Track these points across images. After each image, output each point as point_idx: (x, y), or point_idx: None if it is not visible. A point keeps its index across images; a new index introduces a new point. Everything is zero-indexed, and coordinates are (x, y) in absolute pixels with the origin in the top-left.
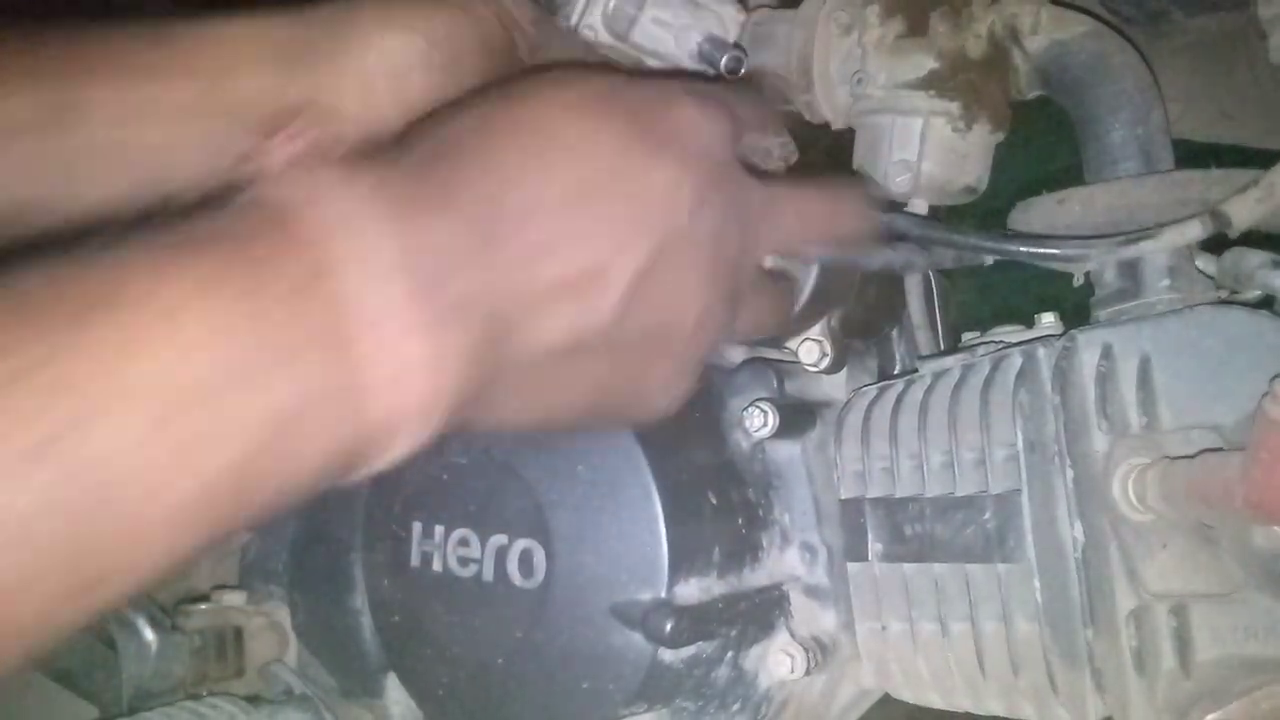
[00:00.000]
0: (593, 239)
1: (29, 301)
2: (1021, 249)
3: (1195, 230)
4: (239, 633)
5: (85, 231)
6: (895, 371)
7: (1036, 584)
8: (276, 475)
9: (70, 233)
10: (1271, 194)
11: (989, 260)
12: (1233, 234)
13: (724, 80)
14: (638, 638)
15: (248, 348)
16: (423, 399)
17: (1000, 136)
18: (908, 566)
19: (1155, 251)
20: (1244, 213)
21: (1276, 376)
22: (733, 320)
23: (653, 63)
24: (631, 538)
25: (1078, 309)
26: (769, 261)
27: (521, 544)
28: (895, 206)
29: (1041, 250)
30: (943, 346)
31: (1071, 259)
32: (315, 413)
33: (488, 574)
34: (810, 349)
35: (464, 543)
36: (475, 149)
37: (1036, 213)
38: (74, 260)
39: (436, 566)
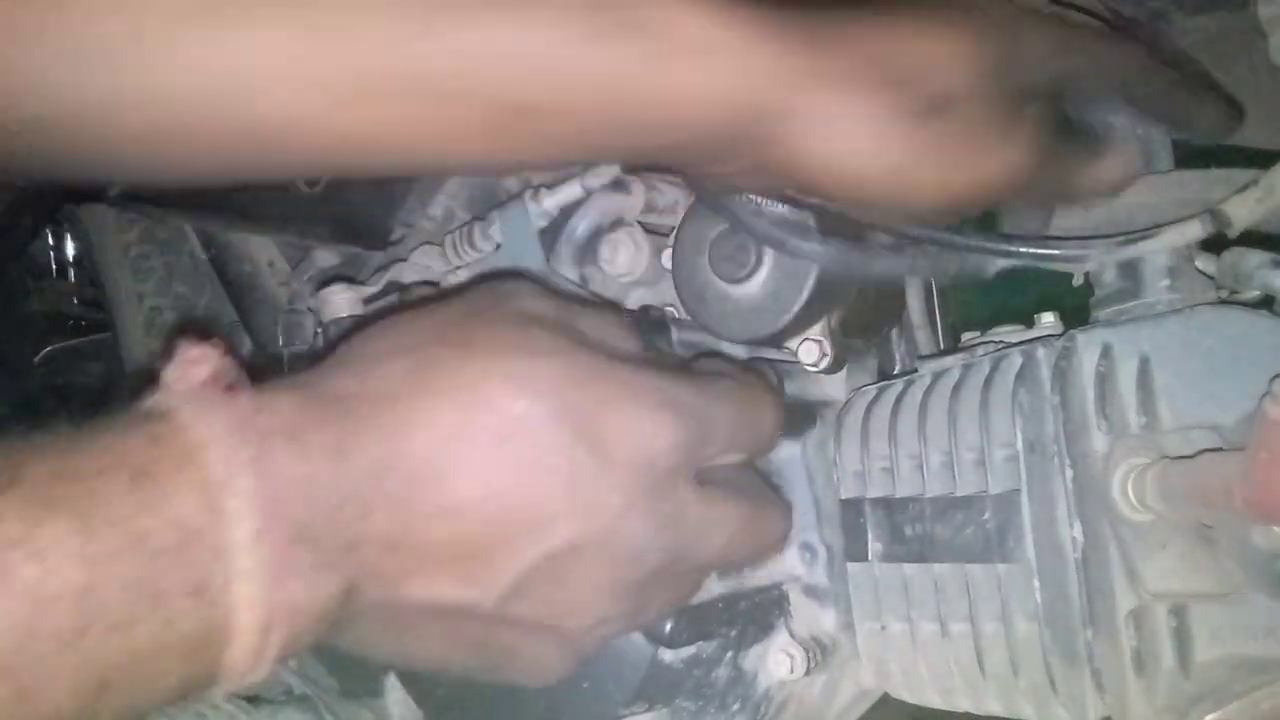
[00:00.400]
0: (496, 519)
1: None
2: (1021, 250)
3: (1195, 230)
4: None
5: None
6: (895, 371)
7: (1036, 584)
8: (115, 715)
9: None
10: (1271, 194)
11: (992, 272)
12: (1232, 234)
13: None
14: (637, 637)
15: (116, 602)
16: (289, 639)
17: None
18: (907, 566)
19: (1155, 251)
20: (1244, 213)
21: (1276, 377)
22: (637, 622)
23: None
24: None
25: (1077, 309)
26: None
27: None
28: None
29: (1041, 251)
30: (942, 346)
31: (1071, 260)
32: (170, 660)
33: None
34: (810, 349)
35: None
36: (402, 396)
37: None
38: None
39: None
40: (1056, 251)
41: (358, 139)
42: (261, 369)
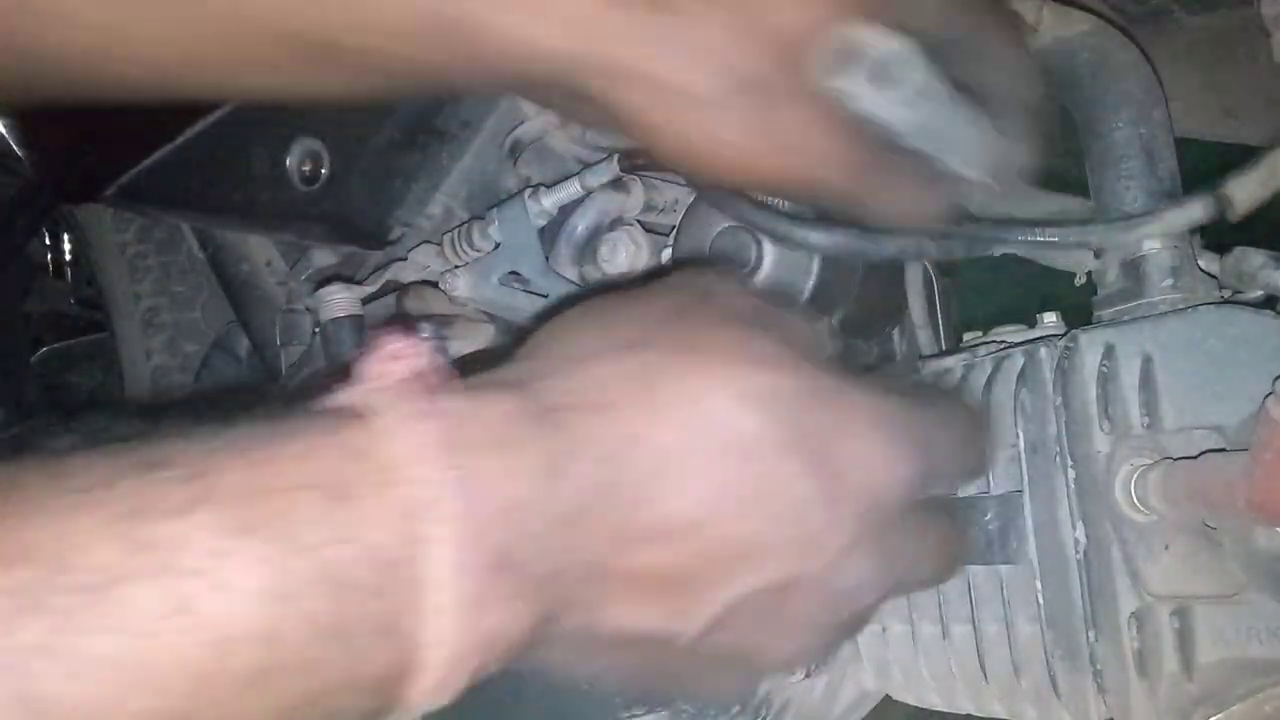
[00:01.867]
0: (711, 548)
1: (38, 543)
2: (1021, 237)
3: (1197, 212)
4: None
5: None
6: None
7: (1038, 585)
8: None
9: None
10: (1274, 175)
11: (996, 251)
12: (1233, 216)
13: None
14: None
15: (302, 643)
16: (478, 668)
17: None
18: None
19: (1157, 234)
20: (1246, 195)
21: (1279, 377)
22: (827, 655)
23: None
24: None
25: (1079, 309)
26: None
27: None
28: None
29: (1041, 238)
30: (944, 346)
31: (1072, 244)
32: (351, 697)
33: None
34: None
35: None
36: (620, 406)
37: None
38: (120, 486)
39: None
40: (1057, 239)
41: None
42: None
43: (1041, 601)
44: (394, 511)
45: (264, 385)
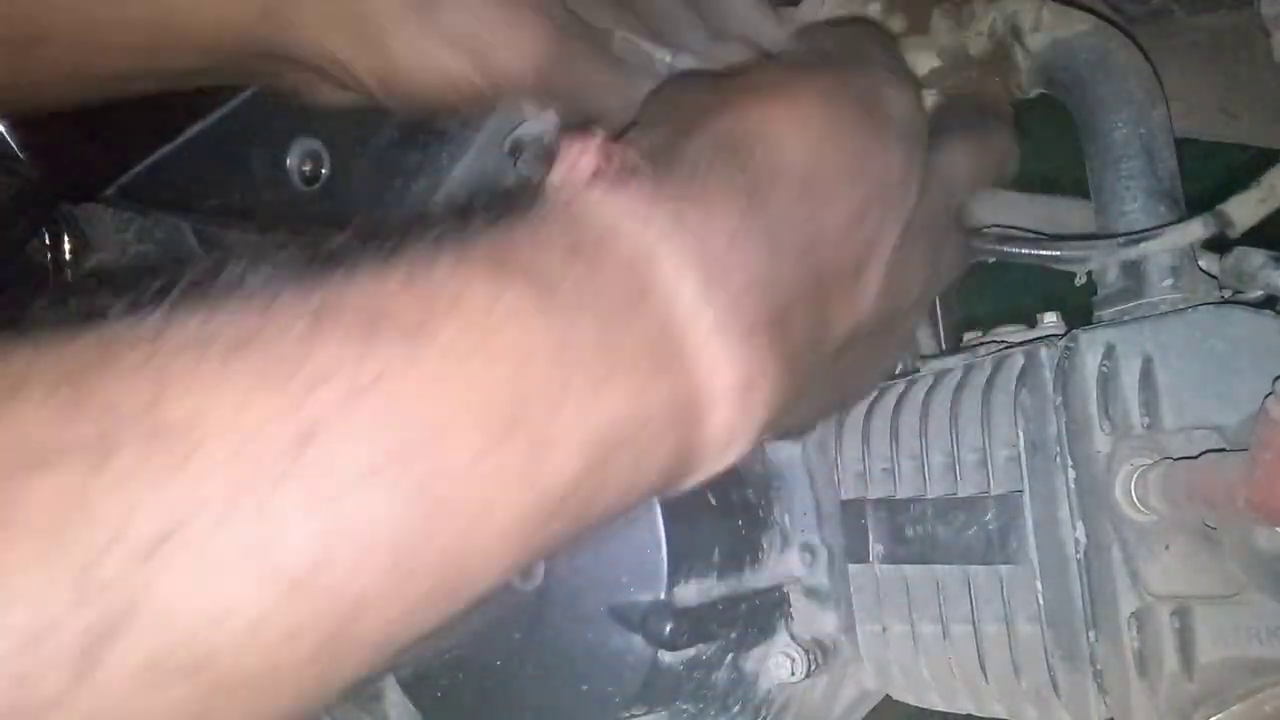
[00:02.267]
0: (868, 227)
1: (363, 310)
2: (1023, 251)
3: (1197, 230)
4: None
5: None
6: (896, 371)
7: (1038, 585)
8: (612, 488)
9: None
10: (1273, 194)
11: (990, 258)
12: (1234, 234)
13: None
14: (637, 640)
15: (585, 360)
16: (764, 405)
17: None
18: (909, 568)
19: (1157, 251)
20: (1245, 213)
21: (1279, 377)
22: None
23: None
24: (630, 539)
25: (1080, 308)
26: None
27: None
28: None
29: (1043, 252)
30: (944, 346)
31: (1074, 260)
32: (652, 426)
33: None
34: None
35: None
36: (751, 155)
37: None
38: (400, 264)
39: None
40: (1059, 253)
41: None
42: None
43: (1041, 601)
44: (629, 255)
45: None
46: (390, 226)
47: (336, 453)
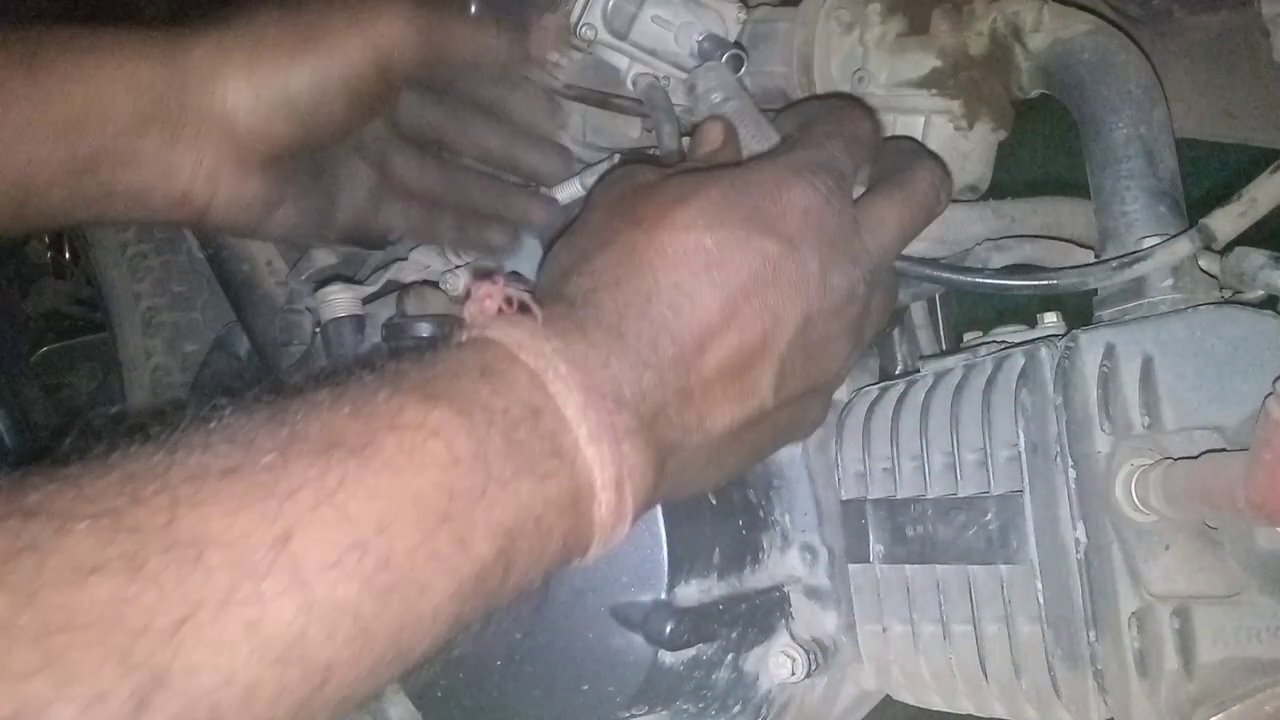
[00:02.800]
0: (744, 332)
1: (320, 438)
2: (1025, 283)
3: (1185, 247)
4: None
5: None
6: (897, 372)
7: (1039, 585)
8: (519, 568)
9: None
10: (1254, 206)
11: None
12: (1217, 248)
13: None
14: (638, 639)
15: (496, 465)
16: (636, 493)
17: (1002, 135)
18: (909, 568)
19: (1149, 271)
20: (1228, 226)
21: (1279, 377)
22: (866, 339)
23: (650, 60)
24: (631, 539)
25: (1080, 308)
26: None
27: None
28: None
29: (1043, 283)
30: (944, 346)
31: (1074, 289)
32: (549, 516)
33: None
34: None
35: None
36: (626, 285)
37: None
38: (347, 397)
39: None
40: (1057, 282)
41: None
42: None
43: (1042, 601)
44: (526, 377)
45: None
46: (338, 368)
47: (307, 550)
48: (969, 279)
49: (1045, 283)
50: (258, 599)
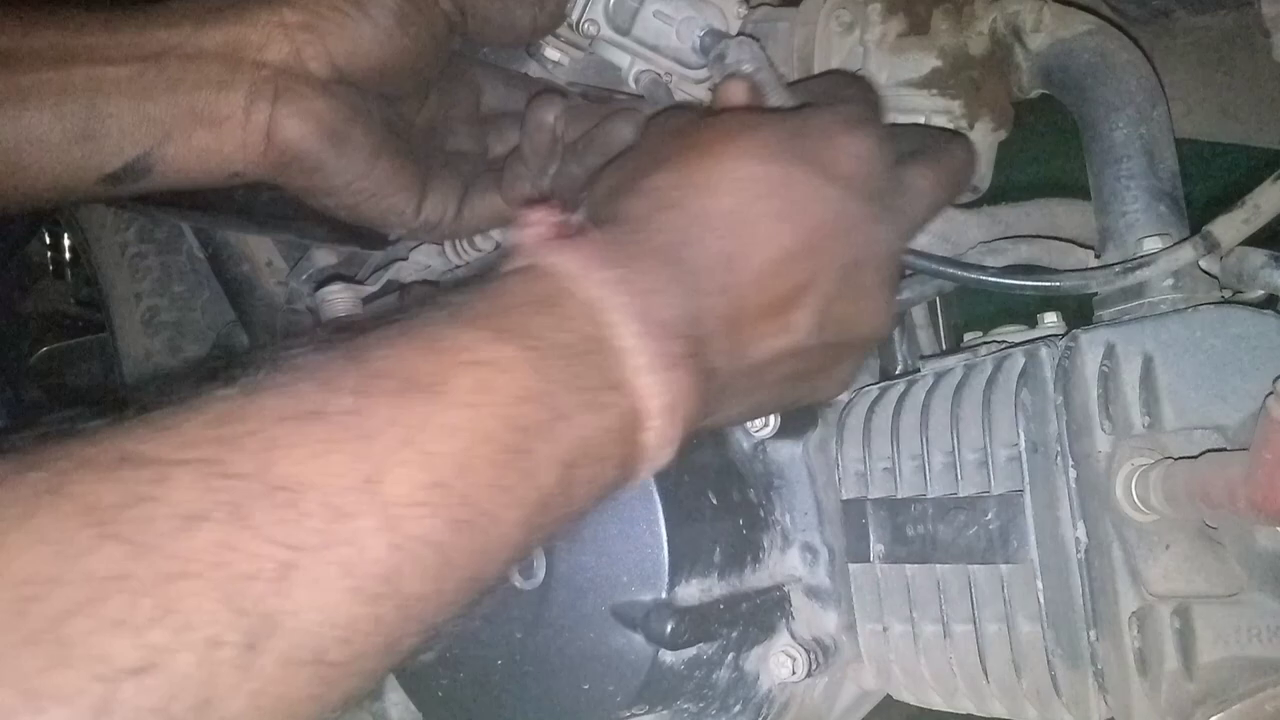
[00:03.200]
0: (794, 266)
1: (395, 377)
2: (1028, 283)
3: (1188, 253)
4: None
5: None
6: (897, 371)
7: (1039, 585)
8: (579, 493)
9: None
10: (1258, 213)
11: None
12: (1220, 254)
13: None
14: (638, 639)
15: (559, 397)
16: (685, 418)
17: (1002, 135)
18: (910, 567)
19: (1152, 277)
20: (1232, 233)
21: (1279, 377)
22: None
23: (652, 56)
24: (632, 538)
25: (1080, 308)
26: None
27: None
28: None
29: (1046, 284)
30: (945, 346)
31: (1076, 290)
32: (606, 443)
33: None
34: None
35: None
36: (682, 207)
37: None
38: (417, 335)
39: None
40: (1060, 284)
41: None
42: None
43: (1042, 601)
44: (582, 309)
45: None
46: (405, 302)
47: (395, 490)
48: (974, 276)
49: (1048, 283)
50: (353, 539)
